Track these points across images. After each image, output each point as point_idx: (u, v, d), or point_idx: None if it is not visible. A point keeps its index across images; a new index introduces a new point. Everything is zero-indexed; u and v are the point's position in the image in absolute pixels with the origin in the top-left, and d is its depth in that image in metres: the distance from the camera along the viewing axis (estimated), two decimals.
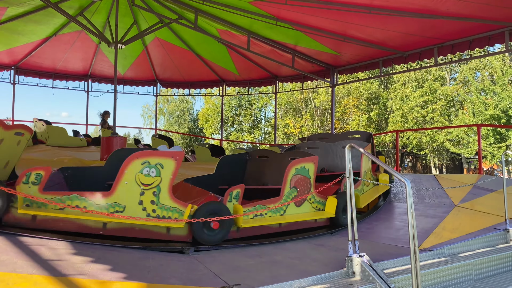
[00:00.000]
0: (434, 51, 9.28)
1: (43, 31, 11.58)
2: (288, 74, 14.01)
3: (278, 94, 15.75)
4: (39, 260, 2.89)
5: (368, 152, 3.66)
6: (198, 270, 3.22)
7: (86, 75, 15.66)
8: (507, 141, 25.06)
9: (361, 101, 36.68)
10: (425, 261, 3.78)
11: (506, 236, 4.74)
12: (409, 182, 2.74)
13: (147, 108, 50.61)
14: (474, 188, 7.01)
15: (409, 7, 7.41)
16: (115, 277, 2.75)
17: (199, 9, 9.72)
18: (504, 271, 4.19)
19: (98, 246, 3.62)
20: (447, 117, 32.32)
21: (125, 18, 10.75)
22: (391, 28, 8.60)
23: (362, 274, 3.16)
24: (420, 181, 7.90)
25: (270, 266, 3.46)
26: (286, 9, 8.44)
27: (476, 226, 4.95)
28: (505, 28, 7.83)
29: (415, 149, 33.89)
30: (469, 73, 29.91)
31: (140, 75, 16.14)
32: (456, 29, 8.23)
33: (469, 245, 4.32)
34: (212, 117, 43.57)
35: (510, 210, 4.95)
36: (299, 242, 4.54)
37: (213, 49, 12.71)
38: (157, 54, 14.11)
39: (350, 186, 3.41)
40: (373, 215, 5.99)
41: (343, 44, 9.97)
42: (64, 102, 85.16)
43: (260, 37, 10.72)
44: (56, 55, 13.55)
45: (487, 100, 26.14)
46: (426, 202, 6.53)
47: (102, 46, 12.90)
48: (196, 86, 16.38)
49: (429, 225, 5.11)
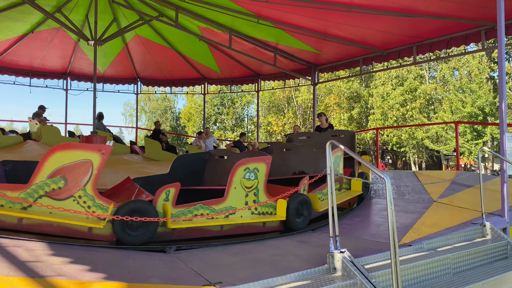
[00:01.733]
0: (413, 49, 9.44)
1: (19, 27, 11.30)
2: (270, 72, 14.04)
3: (261, 93, 15.80)
4: (16, 262, 2.82)
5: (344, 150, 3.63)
6: (179, 269, 3.20)
7: (65, 73, 15.37)
8: (483, 137, 25.68)
9: (342, 99, 37.01)
10: (404, 256, 3.83)
11: (483, 230, 4.85)
12: (388, 178, 2.77)
13: (129, 106, 50.07)
14: (452, 184, 7.16)
15: (388, 5, 7.51)
16: (95, 278, 2.71)
17: (180, 7, 9.64)
18: (480, 264, 4.29)
19: (77, 247, 3.56)
20: (426, 114, 32.89)
21: (104, 15, 10.58)
22: (371, 26, 8.70)
23: (343, 269, 3.19)
24: (400, 177, 8.02)
25: (252, 263, 3.46)
26: (268, 7, 8.45)
27: (454, 221, 5.05)
28: (481, 27, 8.01)
29: (395, 146, 34.40)
30: (448, 71, 30.51)
31: (120, 73, 15.92)
32: (434, 27, 8.38)
33: (447, 239, 4.40)
34: (195, 116, 43.35)
35: (486, 205, 5.07)
36: (282, 239, 4.55)
37: (194, 47, 12.63)
38: (137, 52, 13.95)
39: (331, 183, 3.43)
40: (354, 212, 6.06)
41: (324, 42, 10.04)
42: (42, 101, 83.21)
43: (242, 35, 10.70)
44: (33, 53, 13.24)
45: (465, 98, 26.71)
46: (406, 198, 6.63)
47: (81, 43, 12.68)
48: (177, 84, 16.27)
49: (409, 220, 5.19)
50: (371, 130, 33.16)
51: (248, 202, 4.58)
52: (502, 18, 5.25)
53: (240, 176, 4.60)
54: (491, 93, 26.00)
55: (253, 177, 4.62)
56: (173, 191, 4.20)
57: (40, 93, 75.30)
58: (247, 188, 4.59)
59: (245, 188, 4.56)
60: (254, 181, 4.64)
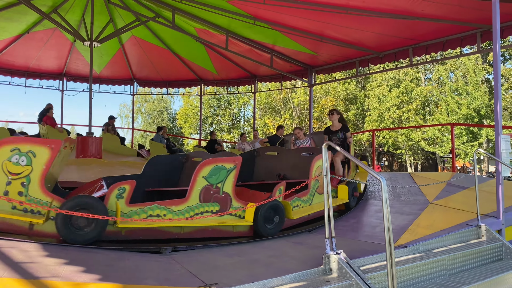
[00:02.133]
0: (409, 51, 9.47)
1: (15, 28, 11.25)
2: (267, 74, 14.05)
3: (257, 94, 15.79)
4: (10, 263, 2.80)
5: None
6: (175, 270, 3.19)
7: (61, 74, 15.31)
8: (479, 139, 25.79)
9: (338, 101, 37.08)
10: (400, 257, 3.84)
11: (478, 232, 4.87)
12: (384, 179, 2.79)
13: (125, 107, 49.95)
14: (448, 186, 7.18)
15: (385, 7, 7.54)
16: (90, 279, 2.70)
17: (176, 8, 9.63)
18: (476, 265, 4.31)
19: (72, 248, 3.54)
20: (422, 116, 33.01)
21: (100, 16, 10.56)
22: (368, 28, 8.73)
23: (339, 271, 3.19)
24: (395, 179, 8.04)
25: (248, 264, 3.45)
26: (264, 9, 8.45)
27: (449, 222, 5.07)
28: (477, 29, 8.05)
29: (391, 148, 34.49)
30: (444, 73, 30.64)
31: (116, 74, 15.88)
32: (430, 30, 8.41)
33: (443, 241, 4.41)
34: (191, 117, 43.27)
35: (481, 207, 5.09)
36: (278, 241, 4.54)
37: (191, 48, 12.62)
38: (133, 53, 13.92)
39: (327, 184, 3.44)
40: (350, 213, 6.06)
41: (321, 44, 10.06)
42: (38, 102, 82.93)
43: (239, 36, 10.70)
44: (29, 53, 13.19)
45: (461, 100, 26.83)
46: (402, 199, 6.65)
47: (77, 44, 12.64)
48: (174, 85, 16.25)
49: (405, 222, 5.20)
50: (367, 132, 33.25)
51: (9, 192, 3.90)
52: (497, 20, 5.28)
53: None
54: (487, 95, 26.11)
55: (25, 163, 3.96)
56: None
57: (35, 93, 75.03)
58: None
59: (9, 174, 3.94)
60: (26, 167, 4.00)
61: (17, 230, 3.68)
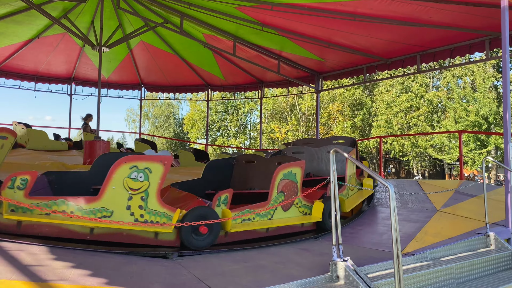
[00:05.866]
0: (417, 58, 9.44)
1: (25, 32, 11.39)
2: (274, 80, 14.07)
3: (264, 99, 15.84)
4: (18, 266, 2.82)
5: (353, 157, 3.66)
6: (181, 275, 3.19)
7: (70, 78, 15.46)
8: (487, 147, 25.59)
9: (345, 107, 37.06)
10: (408, 265, 3.81)
11: (487, 241, 4.82)
12: (392, 187, 2.78)
13: (131, 112, 50.27)
14: (456, 194, 7.12)
15: (392, 15, 7.53)
16: (97, 282, 2.71)
17: (184, 13, 9.70)
18: (484, 275, 4.26)
19: (79, 251, 3.55)
20: (429, 123, 32.86)
21: (110, 21, 10.66)
22: (375, 35, 8.73)
23: (346, 278, 3.18)
24: (403, 186, 7.99)
25: (254, 270, 3.45)
26: (272, 15, 8.49)
27: (457, 230, 5.03)
28: (485, 37, 8.01)
29: (398, 154, 34.32)
30: (452, 80, 30.51)
31: (124, 79, 15.99)
32: (438, 37, 8.39)
33: (450, 249, 4.38)
34: (198, 122, 43.45)
35: (490, 215, 5.05)
36: (284, 247, 4.53)
37: (198, 53, 12.68)
38: (142, 58, 14.02)
39: (334, 190, 3.43)
40: (357, 220, 6.03)
41: (328, 50, 10.06)
42: (47, 106, 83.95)
43: (246, 42, 10.75)
44: (38, 58, 13.34)
45: (469, 107, 26.68)
46: (409, 207, 6.60)
47: (86, 49, 12.76)
48: (181, 90, 16.32)
49: (412, 229, 5.16)
50: (374, 139, 33.13)
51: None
52: (506, 28, 5.26)
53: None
54: (495, 102, 25.96)
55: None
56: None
57: (44, 97, 75.75)
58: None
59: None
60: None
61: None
